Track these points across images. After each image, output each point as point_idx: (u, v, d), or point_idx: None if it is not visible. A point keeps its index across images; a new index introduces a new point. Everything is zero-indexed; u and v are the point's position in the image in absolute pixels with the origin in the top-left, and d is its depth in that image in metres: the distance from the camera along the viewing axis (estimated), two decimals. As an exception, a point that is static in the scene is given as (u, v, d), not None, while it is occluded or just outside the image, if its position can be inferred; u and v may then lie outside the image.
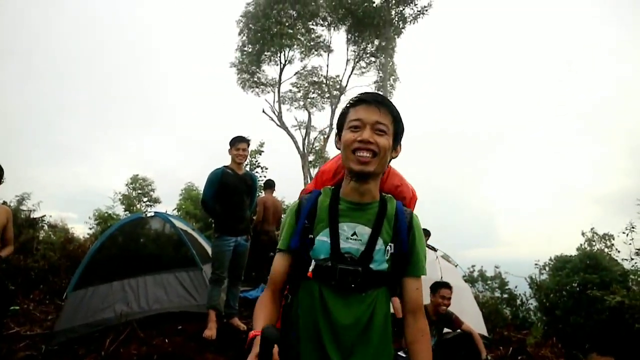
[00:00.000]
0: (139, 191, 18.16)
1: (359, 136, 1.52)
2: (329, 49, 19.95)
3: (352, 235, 1.56)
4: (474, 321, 6.06)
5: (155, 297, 5.29)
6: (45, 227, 11.88)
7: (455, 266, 9.33)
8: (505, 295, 12.61)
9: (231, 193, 4.95)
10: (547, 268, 12.64)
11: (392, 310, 1.72)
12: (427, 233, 9.24)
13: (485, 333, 6.64)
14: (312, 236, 1.57)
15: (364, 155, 1.51)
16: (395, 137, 1.60)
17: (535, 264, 12.83)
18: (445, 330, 5.19)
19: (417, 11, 16.99)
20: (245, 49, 19.53)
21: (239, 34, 19.40)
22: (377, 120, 1.53)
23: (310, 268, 1.52)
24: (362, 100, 1.57)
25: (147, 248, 6.34)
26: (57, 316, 5.27)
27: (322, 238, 1.57)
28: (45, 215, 11.45)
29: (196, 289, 5.57)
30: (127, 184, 18.04)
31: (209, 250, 5.79)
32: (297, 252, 1.58)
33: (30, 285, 7.32)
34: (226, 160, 5.11)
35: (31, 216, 10.85)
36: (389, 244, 1.57)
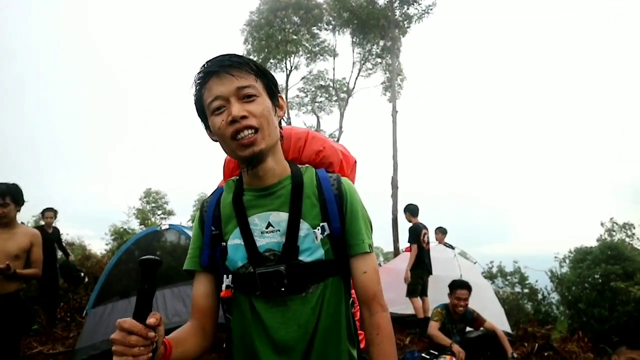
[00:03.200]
0: (153, 204, 18.31)
1: (228, 116, 1.18)
2: (334, 53, 19.98)
3: (267, 228, 1.26)
4: (496, 318, 5.98)
5: (174, 310, 5.27)
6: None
7: (474, 263, 9.24)
8: (526, 290, 12.46)
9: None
10: (567, 261, 12.47)
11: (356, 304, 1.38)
12: (443, 231, 9.17)
13: (508, 329, 6.54)
14: (224, 243, 1.29)
15: (244, 134, 1.18)
16: (269, 93, 1.27)
17: (555, 257, 12.68)
18: (468, 329, 5.12)
19: (422, 10, 16.89)
20: (251, 57, 19.55)
21: (244, 43, 19.50)
22: (237, 87, 1.19)
23: (224, 286, 1.25)
24: (209, 72, 1.21)
25: (163, 261, 6.34)
26: (79, 334, 5.29)
27: (235, 241, 1.28)
28: (62, 234, 11.58)
29: (215, 299, 5.55)
30: (140, 198, 18.21)
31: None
32: (214, 268, 1.31)
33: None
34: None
35: (48, 235, 10.97)
36: (320, 224, 1.26)
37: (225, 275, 1.26)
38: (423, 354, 4.55)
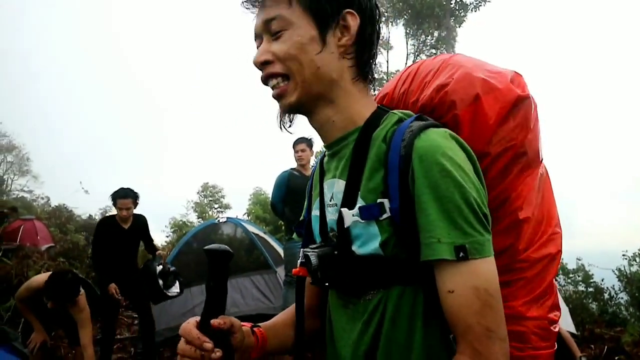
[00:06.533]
0: (210, 198, 18.82)
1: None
2: (388, 46, 19.73)
3: (330, 200, 0.93)
4: (561, 317, 5.71)
5: (232, 301, 5.40)
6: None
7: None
8: (591, 289, 11.85)
9: (299, 195, 4.94)
10: (637, 259, 11.74)
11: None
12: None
13: (573, 330, 6.24)
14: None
15: (272, 83, 0.87)
16: (314, 15, 0.85)
17: (623, 255, 11.97)
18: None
19: (478, -2, 16.43)
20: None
21: (297, 38, 19.65)
22: (264, 20, 0.86)
23: (299, 261, 0.93)
24: (244, 1, 0.90)
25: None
26: (143, 321, 5.52)
27: (315, 212, 0.99)
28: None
29: (271, 292, 5.64)
30: (198, 192, 18.75)
31: (282, 252, 5.86)
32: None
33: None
34: (293, 162, 5.12)
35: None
36: (378, 200, 0.81)
37: (302, 252, 0.95)
38: None
